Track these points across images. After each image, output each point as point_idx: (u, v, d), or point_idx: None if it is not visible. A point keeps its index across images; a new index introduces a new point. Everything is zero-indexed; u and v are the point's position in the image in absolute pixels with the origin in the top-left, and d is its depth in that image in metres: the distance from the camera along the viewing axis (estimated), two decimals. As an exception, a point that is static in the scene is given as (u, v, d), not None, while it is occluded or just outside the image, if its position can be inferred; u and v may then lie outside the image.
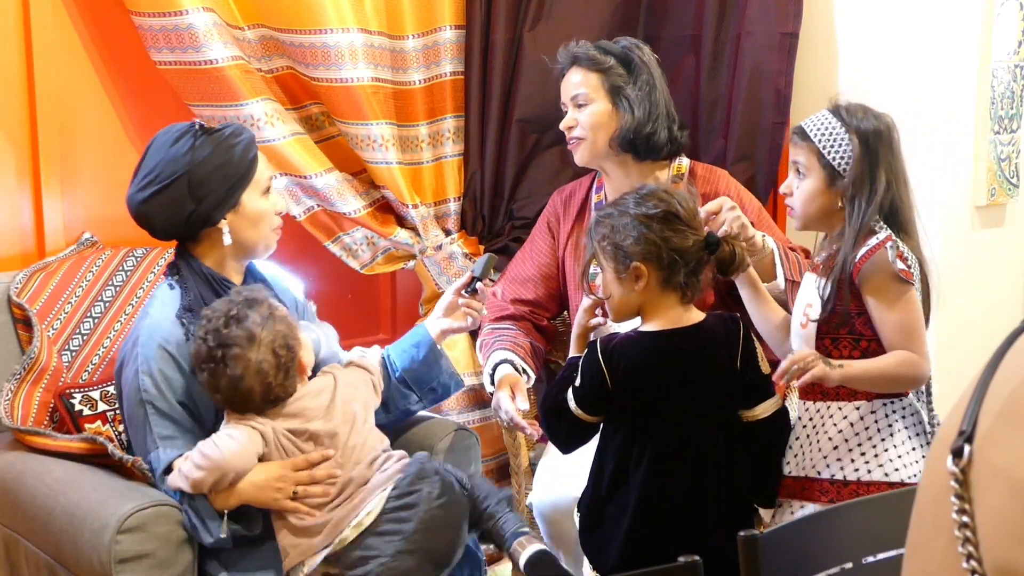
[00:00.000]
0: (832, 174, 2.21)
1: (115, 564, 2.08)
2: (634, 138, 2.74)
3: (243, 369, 2.14)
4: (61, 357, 2.55)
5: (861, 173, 2.18)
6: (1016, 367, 0.74)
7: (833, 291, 2.18)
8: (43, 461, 2.33)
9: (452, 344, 3.21)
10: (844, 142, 2.20)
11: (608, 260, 2.17)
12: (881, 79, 3.30)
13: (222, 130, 2.31)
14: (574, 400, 2.19)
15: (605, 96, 2.76)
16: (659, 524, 2.15)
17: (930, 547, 0.75)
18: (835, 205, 2.22)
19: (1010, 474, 0.69)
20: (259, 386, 2.16)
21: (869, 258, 2.15)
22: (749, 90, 3.32)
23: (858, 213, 2.18)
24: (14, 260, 2.71)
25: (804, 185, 2.25)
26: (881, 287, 2.16)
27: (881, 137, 2.20)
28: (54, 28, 2.72)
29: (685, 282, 2.14)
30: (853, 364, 2.17)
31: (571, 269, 2.91)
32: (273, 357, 2.17)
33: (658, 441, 2.16)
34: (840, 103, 2.26)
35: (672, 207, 2.14)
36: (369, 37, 2.93)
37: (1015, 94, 3.32)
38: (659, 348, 2.16)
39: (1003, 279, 3.41)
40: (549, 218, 2.98)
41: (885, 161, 2.19)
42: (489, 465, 3.22)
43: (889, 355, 2.18)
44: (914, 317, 2.18)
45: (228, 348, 2.14)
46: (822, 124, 2.23)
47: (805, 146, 2.24)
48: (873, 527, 1.66)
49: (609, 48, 2.80)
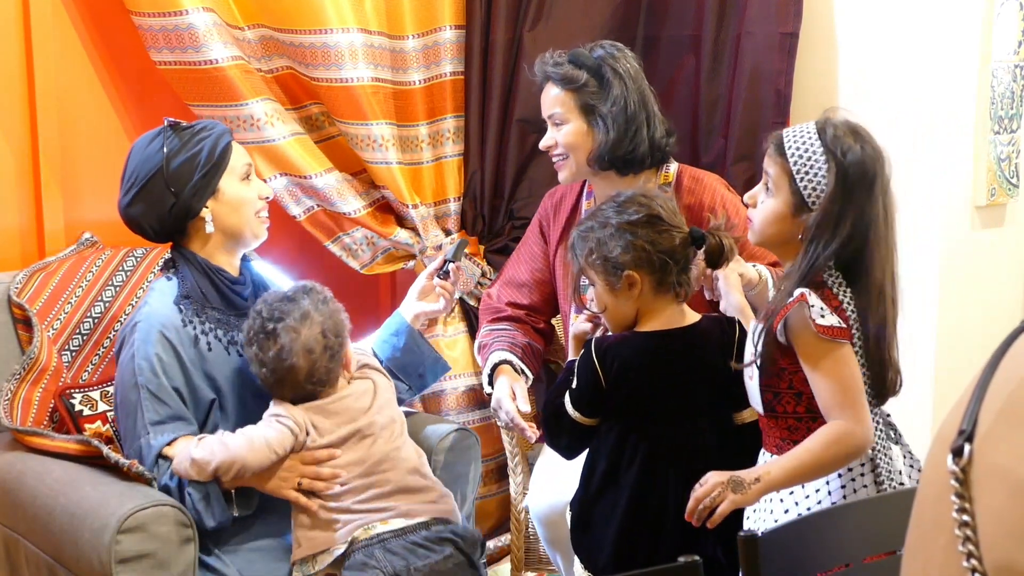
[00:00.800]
0: (800, 202, 1.98)
1: (115, 564, 2.08)
2: (611, 157, 2.65)
3: (292, 343, 2.20)
4: (61, 357, 2.55)
5: (828, 213, 1.93)
6: (1016, 366, 0.74)
7: (762, 345, 1.98)
8: (43, 461, 2.33)
9: (452, 344, 3.22)
10: (820, 172, 1.96)
11: (599, 274, 2.16)
12: (881, 79, 3.29)
13: (192, 126, 2.38)
14: (571, 402, 2.20)
15: (579, 115, 2.66)
16: (650, 524, 2.15)
17: (930, 546, 0.75)
18: (794, 235, 2.00)
19: (1010, 473, 0.69)
20: (305, 364, 2.21)
21: (785, 313, 1.94)
22: (749, 90, 3.31)
23: (810, 258, 1.94)
24: (14, 260, 2.71)
25: (768, 204, 2.03)
26: (803, 345, 1.94)
27: (863, 173, 1.95)
28: (54, 28, 2.73)
29: (677, 281, 2.14)
30: (772, 470, 1.95)
31: (560, 274, 2.90)
32: (323, 338, 2.23)
33: (651, 441, 2.16)
34: (831, 121, 2.01)
35: (653, 209, 2.13)
36: (369, 37, 2.93)
37: (1015, 94, 3.31)
38: (652, 348, 2.16)
39: (1003, 279, 3.41)
40: (541, 221, 2.93)
41: (858, 204, 1.94)
42: (488, 465, 3.22)
43: (813, 439, 1.94)
44: (844, 376, 1.93)
45: (280, 321, 2.21)
46: (802, 143, 2.00)
47: (779, 161, 2.01)
48: (873, 527, 1.66)
49: (582, 61, 2.68)
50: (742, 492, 1.93)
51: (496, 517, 3.33)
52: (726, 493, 1.93)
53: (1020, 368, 0.73)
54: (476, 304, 3.21)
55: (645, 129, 2.66)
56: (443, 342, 3.21)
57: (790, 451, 1.97)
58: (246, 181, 2.41)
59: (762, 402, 2.03)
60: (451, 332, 3.23)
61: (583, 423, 2.20)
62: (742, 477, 1.95)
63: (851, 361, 1.94)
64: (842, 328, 1.92)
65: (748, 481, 1.94)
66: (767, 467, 1.97)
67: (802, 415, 1.99)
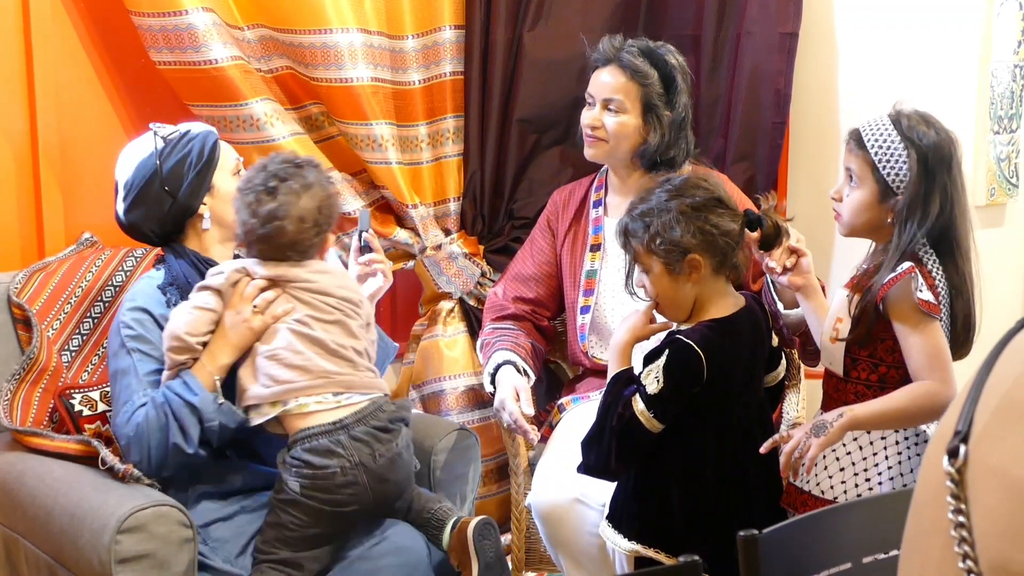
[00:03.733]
0: (885, 189, 2.15)
1: (115, 564, 2.08)
2: (658, 158, 2.75)
3: (289, 206, 2.22)
4: (61, 357, 2.55)
5: (915, 195, 2.11)
6: (1012, 366, 0.73)
7: (860, 313, 2.15)
8: (43, 461, 2.33)
9: (452, 344, 3.21)
10: (901, 158, 2.13)
11: (659, 258, 2.12)
12: (881, 79, 3.29)
13: (177, 129, 2.44)
14: (650, 409, 2.10)
15: (638, 110, 2.75)
16: (737, 503, 2.19)
17: (927, 547, 0.75)
18: (884, 220, 2.17)
19: (1006, 474, 0.69)
20: (293, 229, 2.23)
21: (892, 285, 2.11)
22: (749, 90, 3.31)
23: (906, 236, 2.12)
24: (14, 260, 2.71)
25: (855, 195, 2.18)
26: (903, 315, 2.12)
27: (942, 155, 2.13)
28: (54, 28, 2.72)
29: (733, 264, 2.16)
30: (857, 410, 2.13)
31: (568, 267, 2.92)
32: (317, 212, 2.25)
33: (727, 424, 2.18)
34: (902, 110, 2.17)
35: (716, 193, 2.14)
36: (368, 37, 2.93)
37: (1015, 94, 3.31)
38: (736, 333, 2.16)
39: (1003, 279, 3.41)
40: (549, 216, 2.99)
41: (941, 183, 2.12)
42: (489, 465, 3.22)
43: (902, 391, 2.14)
44: (935, 344, 2.13)
45: (285, 182, 2.23)
46: (880, 134, 2.15)
47: (860, 155, 2.17)
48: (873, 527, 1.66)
49: (657, 59, 2.76)
50: (825, 433, 2.08)
51: (496, 517, 3.31)
52: (811, 440, 2.09)
53: (1015, 367, 0.73)
54: (476, 304, 3.21)
55: (688, 136, 2.79)
56: (443, 342, 3.20)
57: (879, 399, 2.14)
58: (237, 176, 2.45)
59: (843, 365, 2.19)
60: (451, 332, 3.23)
61: (655, 432, 2.12)
62: (824, 418, 2.11)
63: (940, 334, 2.13)
64: (936, 304, 2.10)
65: (830, 420, 2.10)
66: (853, 407, 2.13)
67: (873, 383, 2.17)
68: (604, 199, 2.92)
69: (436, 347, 3.20)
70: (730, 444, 2.18)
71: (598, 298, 2.85)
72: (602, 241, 2.89)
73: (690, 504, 2.18)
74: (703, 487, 2.17)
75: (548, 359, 3.09)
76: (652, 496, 2.21)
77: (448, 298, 3.23)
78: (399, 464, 2.26)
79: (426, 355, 3.21)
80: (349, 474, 2.18)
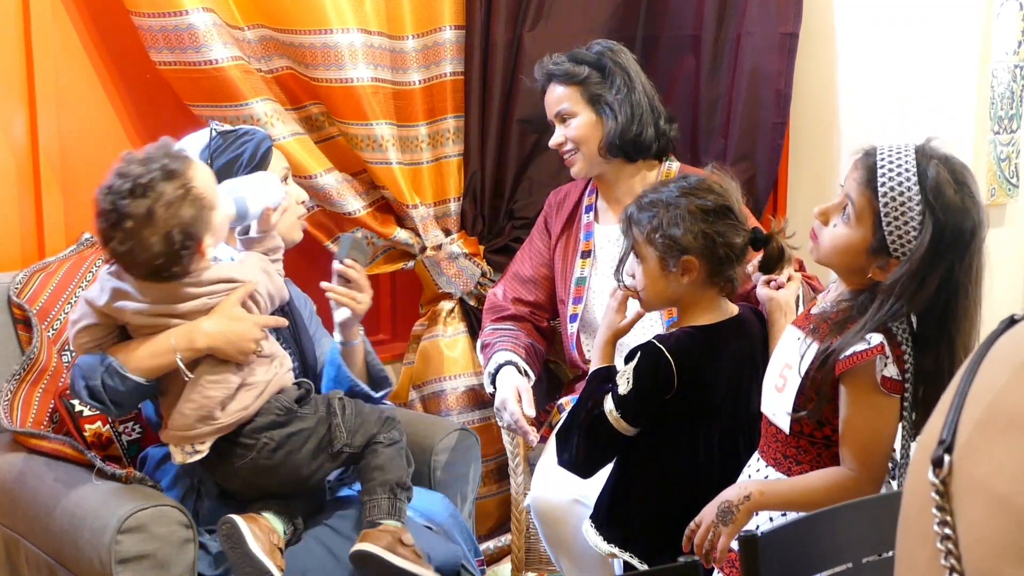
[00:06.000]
0: (880, 246, 1.82)
1: (115, 564, 2.08)
2: (621, 142, 2.75)
3: (132, 244, 2.04)
4: (61, 357, 2.55)
5: (914, 273, 1.78)
6: (995, 374, 0.72)
7: (813, 386, 1.87)
8: (43, 462, 2.33)
9: (452, 344, 3.22)
10: (913, 222, 1.78)
11: (656, 250, 2.09)
12: (881, 79, 3.30)
13: (236, 130, 2.42)
14: (618, 409, 2.08)
15: (586, 106, 2.78)
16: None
17: (914, 558, 0.73)
18: (865, 271, 1.86)
19: (990, 486, 0.68)
20: (144, 260, 2.06)
21: (855, 364, 1.82)
22: (749, 90, 3.31)
23: (887, 311, 1.81)
24: (14, 260, 2.71)
25: (843, 232, 1.87)
26: (857, 388, 1.84)
27: (959, 236, 1.78)
28: (54, 28, 2.72)
29: (728, 276, 2.11)
30: (765, 490, 1.90)
31: (560, 273, 2.92)
32: (164, 243, 2.05)
33: (708, 433, 2.12)
34: (934, 154, 1.80)
35: (728, 201, 2.10)
36: (369, 37, 2.93)
37: (1015, 94, 3.31)
38: (718, 343, 2.13)
39: (1003, 279, 3.40)
40: (546, 217, 3.00)
41: (947, 265, 1.78)
42: (489, 465, 3.22)
43: (816, 476, 1.90)
44: (877, 430, 1.85)
45: (124, 220, 2.04)
46: (898, 183, 1.79)
47: (867, 195, 1.82)
48: (873, 527, 1.65)
49: (582, 57, 2.80)
50: (733, 520, 1.88)
51: (496, 517, 3.33)
52: (720, 527, 1.89)
53: (999, 376, 0.71)
54: (476, 304, 3.21)
55: (650, 114, 2.78)
56: (443, 342, 3.21)
57: (790, 480, 1.93)
58: (285, 183, 2.43)
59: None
60: (451, 332, 3.23)
61: (624, 434, 2.09)
62: (729, 500, 1.90)
63: (892, 417, 1.85)
64: (898, 382, 1.83)
65: (736, 503, 1.89)
66: (760, 486, 1.92)
67: (817, 440, 1.92)
68: (595, 204, 2.93)
69: (436, 347, 3.21)
70: (708, 456, 2.13)
71: (587, 304, 2.85)
72: (592, 248, 2.88)
73: (662, 511, 2.15)
74: (675, 496, 2.13)
75: (548, 359, 3.09)
76: (628, 501, 2.19)
77: (448, 298, 3.23)
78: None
79: (426, 355, 3.22)
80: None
